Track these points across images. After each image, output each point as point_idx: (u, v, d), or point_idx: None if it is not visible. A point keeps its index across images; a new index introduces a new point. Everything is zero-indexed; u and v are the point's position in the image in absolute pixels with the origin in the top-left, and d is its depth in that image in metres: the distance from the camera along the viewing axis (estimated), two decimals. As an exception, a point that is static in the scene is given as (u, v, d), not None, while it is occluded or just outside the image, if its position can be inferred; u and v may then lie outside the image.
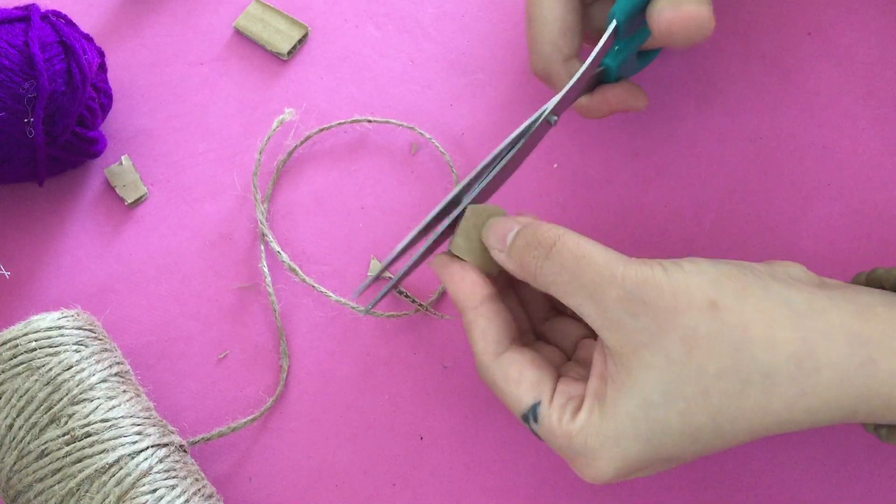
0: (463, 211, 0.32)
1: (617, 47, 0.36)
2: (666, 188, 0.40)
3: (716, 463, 0.36)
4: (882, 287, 0.30)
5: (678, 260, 0.29)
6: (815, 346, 0.27)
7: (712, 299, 0.27)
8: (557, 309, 0.35)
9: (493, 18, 0.44)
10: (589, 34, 0.38)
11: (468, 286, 0.31)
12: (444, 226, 0.33)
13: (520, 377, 0.30)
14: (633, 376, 0.28)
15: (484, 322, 0.31)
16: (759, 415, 0.27)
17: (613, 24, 0.34)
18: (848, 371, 0.27)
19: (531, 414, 0.30)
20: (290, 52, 0.44)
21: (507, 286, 0.34)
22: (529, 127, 0.33)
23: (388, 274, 0.39)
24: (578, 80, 0.34)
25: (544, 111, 0.33)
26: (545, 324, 0.34)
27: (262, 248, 0.40)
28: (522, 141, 0.33)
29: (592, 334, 0.33)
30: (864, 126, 0.40)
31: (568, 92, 0.34)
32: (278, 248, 0.40)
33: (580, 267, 0.28)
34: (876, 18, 0.42)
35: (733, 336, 0.27)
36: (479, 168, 0.33)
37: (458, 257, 0.32)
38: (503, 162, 0.33)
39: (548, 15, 0.35)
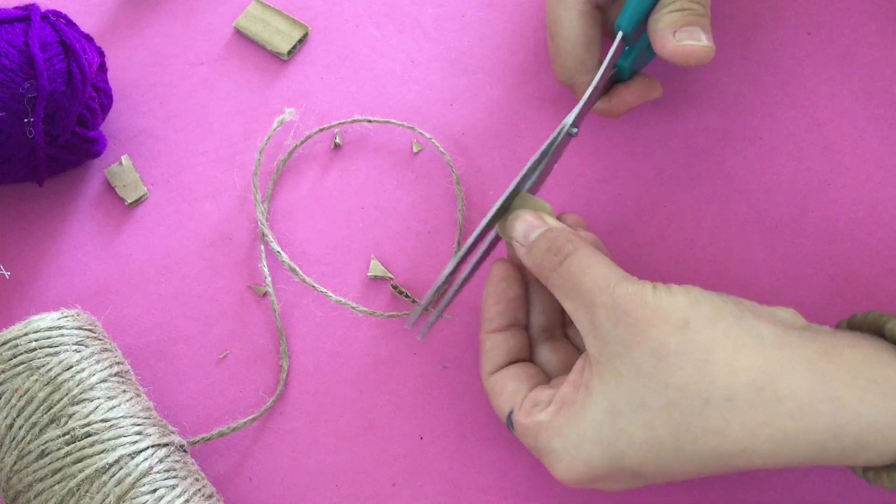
0: (514, 196, 0.34)
1: (627, 48, 0.37)
2: (665, 188, 0.40)
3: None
4: (861, 330, 0.31)
5: (672, 285, 0.30)
6: (777, 377, 0.27)
7: (685, 318, 0.28)
8: None
9: (494, 18, 0.44)
10: (607, 34, 0.39)
11: (490, 314, 0.34)
12: (481, 250, 0.34)
13: (501, 390, 0.33)
14: (603, 383, 0.29)
15: (490, 345, 0.34)
16: (719, 437, 0.27)
17: (620, 35, 0.35)
18: (810, 405, 0.27)
19: (508, 420, 0.33)
20: (290, 52, 0.44)
21: None
22: (553, 142, 0.34)
23: (389, 274, 0.39)
24: (594, 89, 0.35)
25: (564, 126, 0.34)
26: (571, 329, 0.36)
27: (262, 248, 0.40)
28: (547, 158, 0.34)
29: None
30: (863, 126, 0.40)
31: (586, 103, 0.35)
32: (278, 248, 0.40)
33: (583, 275, 0.30)
34: (875, 18, 0.42)
35: (698, 355, 0.28)
36: (507, 192, 0.33)
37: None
38: (531, 181, 0.34)
39: (569, 32, 0.37)
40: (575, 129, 0.34)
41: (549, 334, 0.35)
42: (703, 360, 0.28)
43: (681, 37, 0.34)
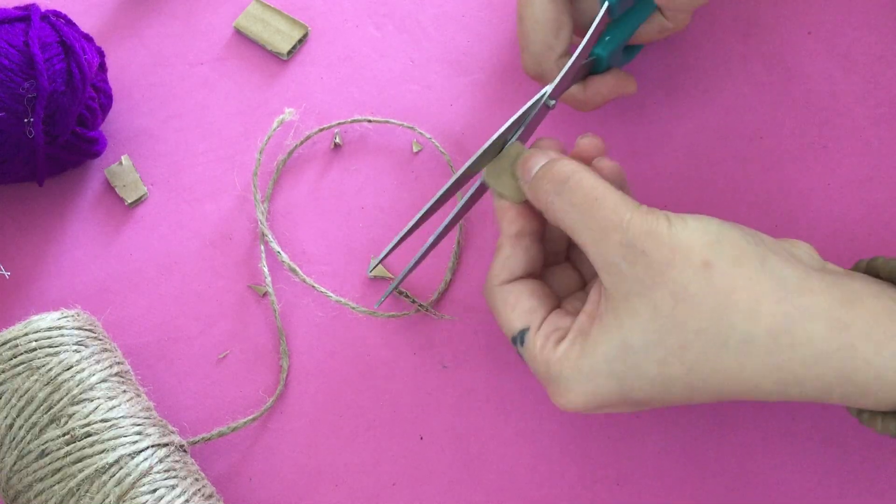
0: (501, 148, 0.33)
1: (608, 37, 0.36)
2: (666, 188, 0.40)
3: (716, 458, 0.36)
4: (878, 276, 0.31)
5: (685, 215, 0.29)
6: (795, 324, 0.27)
7: (707, 259, 0.28)
8: None
9: (493, 18, 0.44)
10: (578, 30, 0.38)
11: (509, 217, 0.33)
12: (452, 215, 0.34)
13: (516, 303, 0.32)
14: (619, 319, 0.29)
15: (508, 251, 0.33)
16: (731, 378, 0.28)
17: (606, 4, 0.34)
18: (824, 353, 0.27)
19: (519, 338, 0.32)
20: (290, 52, 0.44)
21: None
22: (528, 112, 0.33)
23: (389, 274, 0.39)
24: (575, 61, 0.34)
25: (543, 94, 0.34)
26: (577, 249, 0.35)
27: (262, 248, 0.40)
28: (522, 127, 0.33)
29: None
30: (864, 125, 0.40)
31: (565, 75, 0.34)
32: (278, 248, 0.40)
33: (592, 207, 0.29)
34: (876, 17, 0.42)
35: (719, 299, 0.28)
36: (475, 157, 0.33)
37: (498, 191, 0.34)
38: (508, 146, 0.33)
39: (539, 14, 0.36)
40: (553, 102, 0.34)
41: (553, 258, 0.35)
42: (723, 303, 0.27)
43: None
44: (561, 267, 0.35)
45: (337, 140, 0.42)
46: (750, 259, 0.28)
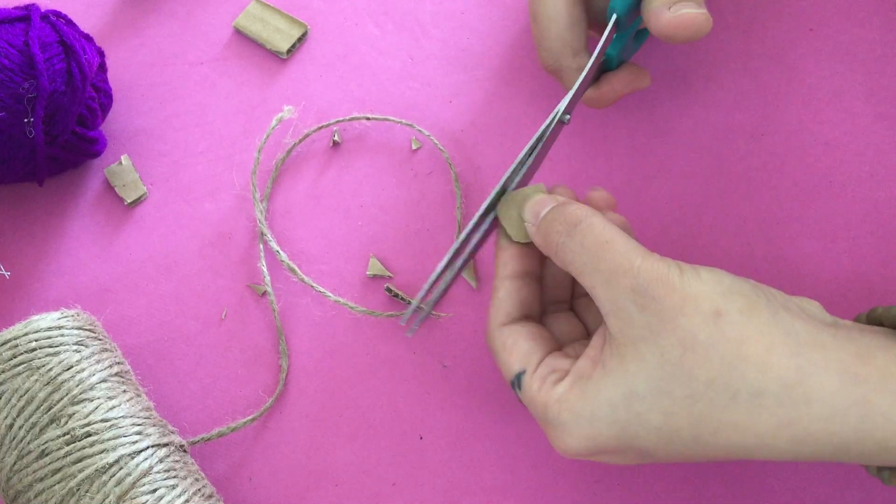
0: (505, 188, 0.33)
1: (615, 35, 0.36)
2: (667, 185, 0.40)
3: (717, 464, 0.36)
4: (882, 325, 0.30)
5: (698, 266, 0.29)
6: (809, 378, 0.27)
7: (718, 308, 0.27)
8: None
9: (493, 15, 0.44)
10: (593, 23, 0.38)
11: (504, 257, 0.33)
12: (474, 242, 0.34)
13: (513, 346, 0.31)
14: (624, 365, 0.28)
15: (503, 293, 0.32)
16: (741, 432, 0.27)
17: (614, 18, 0.34)
18: (839, 408, 0.26)
19: (516, 381, 0.31)
20: (289, 51, 0.44)
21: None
22: (545, 130, 0.34)
23: (388, 272, 0.39)
24: (585, 77, 0.34)
25: (557, 112, 0.34)
26: (581, 298, 0.35)
27: (261, 247, 0.40)
28: (540, 145, 0.34)
29: None
30: (865, 122, 0.40)
31: (577, 90, 0.34)
32: (277, 248, 0.40)
33: (601, 251, 0.29)
34: (877, 14, 0.42)
35: (729, 349, 0.27)
36: (502, 181, 0.33)
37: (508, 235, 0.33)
38: (524, 170, 0.33)
39: (553, 12, 0.36)
40: (567, 117, 0.34)
41: (556, 307, 0.34)
42: (734, 354, 0.27)
43: (676, 9, 0.33)
44: (564, 315, 0.34)
45: (336, 138, 0.42)
46: (761, 311, 0.28)
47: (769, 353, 0.27)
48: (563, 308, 0.35)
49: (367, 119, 0.42)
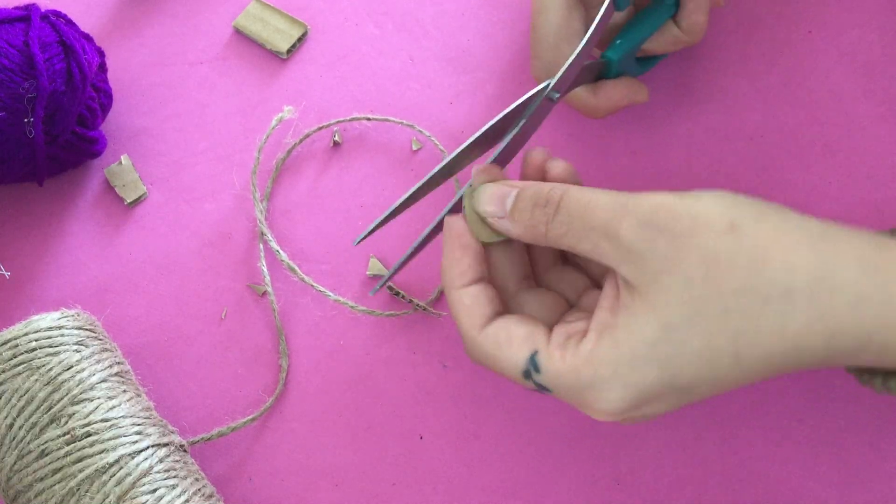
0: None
1: (619, 41, 0.36)
2: (666, 187, 0.40)
3: (716, 458, 0.36)
4: None
5: (697, 191, 0.29)
6: (832, 270, 0.27)
7: (731, 222, 0.27)
8: (564, 258, 0.34)
9: (493, 16, 0.44)
10: (594, 41, 0.38)
11: (458, 268, 0.31)
12: (443, 213, 0.33)
13: (510, 337, 0.30)
14: (650, 302, 0.27)
15: (468, 300, 0.30)
16: (778, 337, 0.27)
17: None
18: (863, 294, 0.27)
19: (531, 366, 0.29)
20: (289, 51, 0.44)
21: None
22: (529, 103, 0.33)
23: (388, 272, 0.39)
24: (581, 55, 0.33)
25: (547, 86, 0.33)
26: (550, 272, 0.34)
27: (261, 246, 0.40)
28: (524, 120, 0.33)
29: (597, 285, 0.33)
30: (865, 124, 0.40)
31: (569, 68, 0.33)
32: (277, 248, 0.40)
33: (588, 211, 0.28)
34: (877, 16, 0.42)
35: (753, 256, 0.27)
36: (469, 142, 0.32)
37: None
38: (508, 138, 0.32)
39: (553, 21, 0.36)
40: (556, 95, 0.33)
41: (527, 283, 0.33)
42: (757, 259, 0.27)
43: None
44: (533, 293, 0.32)
45: (336, 138, 0.42)
46: (771, 215, 0.28)
47: (791, 253, 0.27)
48: (532, 284, 0.33)
49: (368, 119, 0.42)
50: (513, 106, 0.32)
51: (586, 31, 0.36)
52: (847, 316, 0.27)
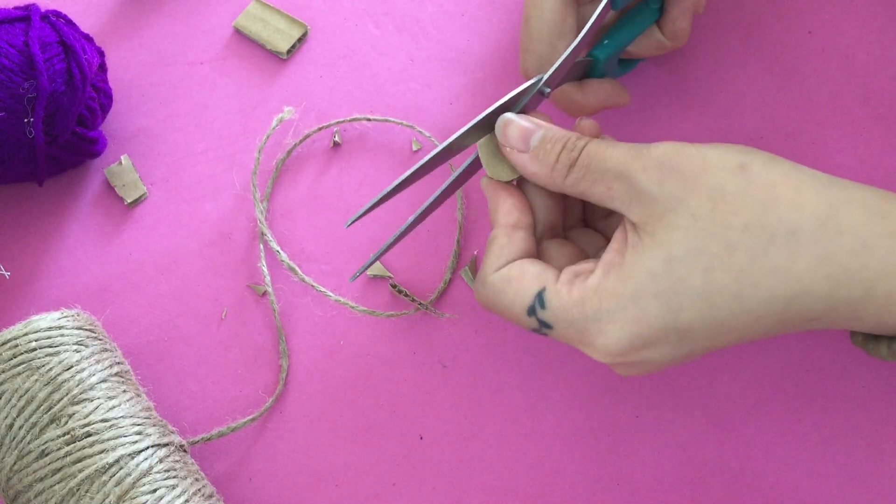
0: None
1: (606, 41, 0.36)
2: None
3: (716, 458, 0.36)
4: None
5: (710, 143, 0.29)
6: (839, 213, 0.27)
7: (741, 162, 0.28)
8: (584, 222, 0.35)
9: (493, 17, 0.44)
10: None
11: (505, 208, 0.32)
12: (433, 197, 0.33)
13: (521, 274, 0.30)
14: (656, 238, 0.28)
15: (505, 240, 0.31)
16: (782, 277, 0.27)
17: None
18: (869, 239, 0.27)
19: (537, 302, 0.29)
20: (289, 51, 0.44)
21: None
22: (522, 95, 0.33)
23: (388, 272, 0.39)
24: (574, 52, 0.33)
25: (539, 80, 0.33)
26: (571, 231, 0.34)
27: (262, 247, 0.40)
28: (517, 110, 0.33)
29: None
30: (864, 125, 0.40)
31: (561, 64, 0.33)
32: (277, 248, 0.40)
33: (606, 154, 0.29)
34: (876, 17, 0.42)
35: (760, 194, 0.27)
36: (462, 130, 0.32)
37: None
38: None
39: (546, 16, 0.36)
40: (547, 90, 0.33)
41: (552, 233, 0.33)
42: (765, 197, 0.27)
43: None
44: (557, 241, 0.33)
45: (336, 139, 0.42)
46: (781, 162, 0.28)
47: (799, 193, 0.27)
48: (559, 234, 0.34)
49: (368, 120, 0.42)
50: (507, 97, 0.33)
51: (578, 27, 0.36)
52: (851, 261, 0.27)
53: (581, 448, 0.36)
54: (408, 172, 0.33)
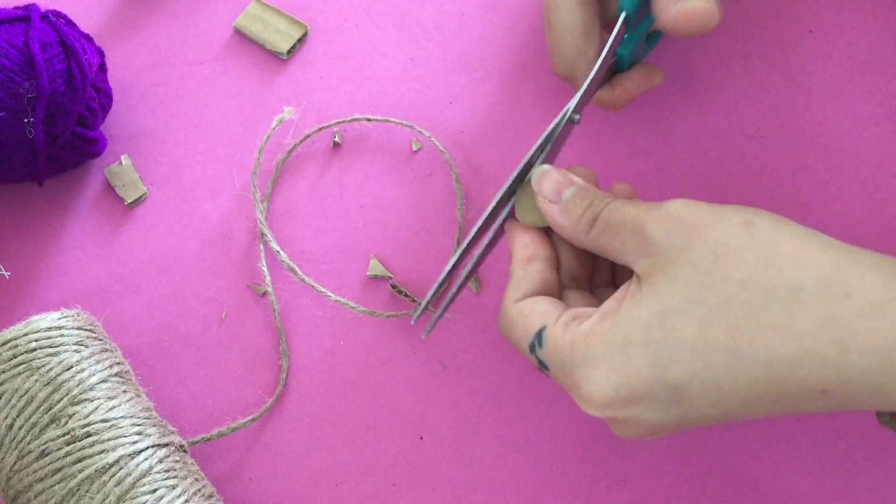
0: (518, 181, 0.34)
1: (626, 35, 0.36)
2: (666, 187, 0.40)
3: (716, 458, 0.36)
4: None
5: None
6: (847, 273, 0.25)
7: (748, 220, 0.27)
8: (615, 282, 0.35)
9: (493, 17, 0.44)
10: (606, 27, 0.38)
11: (521, 242, 0.32)
12: (484, 243, 0.34)
13: (531, 310, 0.30)
14: (654, 288, 0.27)
15: (521, 273, 0.32)
16: (781, 336, 0.25)
17: (623, 15, 0.34)
18: (879, 301, 0.25)
19: (536, 340, 0.30)
20: (289, 52, 0.44)
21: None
22: (555, 129, 0.34)
23: (387, 273, 0.39)
24: (596, 75, 0.34)
25: (567, 111, 0.34)
26: (598, 290, 0.34)
27: (262, 247, 0.40)
28: (550, 145, 0.34)
29: None
30: (866, 124, 0.40)
31: (587, 89, 0.34)
32: (277, 248, 0.40)
33: (624, 210, 0.29)
34: (877, 16, 0.42)
35: (763, 250, 0.26)
36: (509, 182, 0.33)
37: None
38: (538, 165, 0.34)
39: (568, 20, 0.36)
40: (577, 116, 0.34)
41: (576, 283, 0.33)
42: (768, 253, 0.26)
43: (683, 2, 0.33)
44: (579, 291, 0.33)
45: (336, 139, 0.42)
46: (790, 223, 0.27)
47: (804, 251, 0.26)
48: (583, 286, 0.34)
49: (368, 120, 0.42)
50: (541, 139, 0.33)
51: (599, 24, 0.37)
52: (860, 324, 0.25)
53: (581, 448, 0.36)
54: (463, 245, 0.33)
